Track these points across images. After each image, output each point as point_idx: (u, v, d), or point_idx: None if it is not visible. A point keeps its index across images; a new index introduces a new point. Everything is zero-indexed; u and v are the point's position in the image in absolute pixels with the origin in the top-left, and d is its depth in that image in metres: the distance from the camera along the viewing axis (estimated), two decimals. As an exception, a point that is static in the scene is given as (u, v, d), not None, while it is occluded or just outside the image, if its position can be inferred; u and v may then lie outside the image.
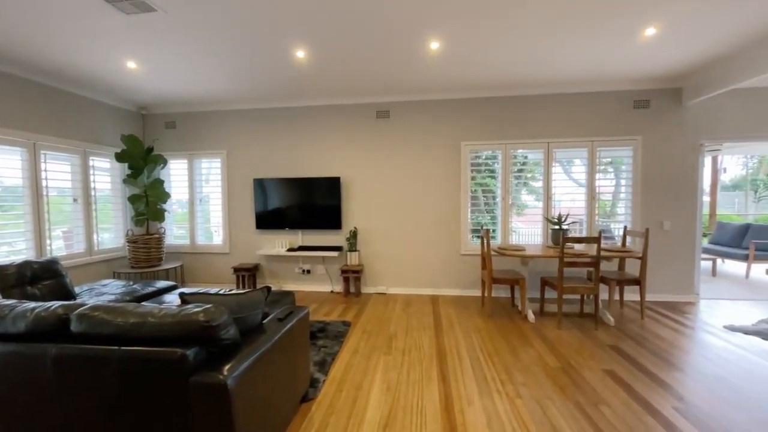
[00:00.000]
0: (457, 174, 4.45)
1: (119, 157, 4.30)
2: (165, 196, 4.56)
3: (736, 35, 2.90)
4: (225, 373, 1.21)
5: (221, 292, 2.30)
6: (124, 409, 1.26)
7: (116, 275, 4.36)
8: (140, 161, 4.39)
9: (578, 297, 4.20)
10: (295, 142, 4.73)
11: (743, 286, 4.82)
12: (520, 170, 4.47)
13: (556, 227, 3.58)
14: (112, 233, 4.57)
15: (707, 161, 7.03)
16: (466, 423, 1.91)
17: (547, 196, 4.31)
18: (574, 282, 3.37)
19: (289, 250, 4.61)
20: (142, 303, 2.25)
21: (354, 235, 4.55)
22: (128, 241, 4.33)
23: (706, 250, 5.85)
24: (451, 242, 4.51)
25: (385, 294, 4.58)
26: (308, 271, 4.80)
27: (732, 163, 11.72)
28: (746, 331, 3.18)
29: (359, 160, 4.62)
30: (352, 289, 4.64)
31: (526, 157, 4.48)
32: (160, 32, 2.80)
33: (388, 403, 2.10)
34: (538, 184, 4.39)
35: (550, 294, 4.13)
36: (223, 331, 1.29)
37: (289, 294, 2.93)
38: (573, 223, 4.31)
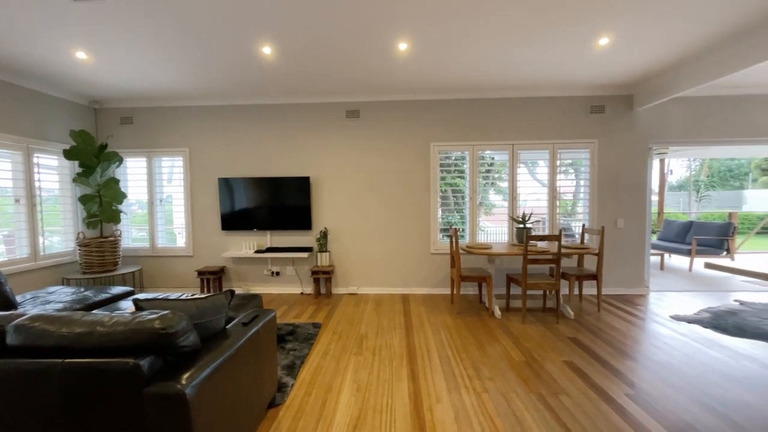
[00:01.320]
0: (427, 174, 4.52)
1: (68, 155, 3.99)
2: (121, 197, 4.29)
3: (680, 48, 3.14)
4: (183, 382, 1.16)
5: (183, 297, 2.19)
6: (71, 426, 1.18)
7: (65, 282, 4.05)
8: (92, 159, 4.10)
9: (541, 292, 4.39)
10: (263, 140, 4.61)
11: (687, 279, 5.24)
12: (488, 171, 4.60)
13: (521, 226, 3.72)
14: (61, 236, 4.24)
15: (656, 163, 7.57)
16: (435, 420, 1.94)
17: (512, 196, 4.47)
18: (537, 278, 3.52)
19: (257, 251, 4.49)
20: (93, 311, 2.11)
21: (324, 235, 4.50)
22: (79, 245, 4.03)
23: (654, 246, 6.31)
24: (421, 241, 4.57)
25: (356, 294, 4.57)
26: (277, 273, 4.70)
27: (678, 165, 12.72)
28: (689, 320, 3.46)
29: (329, 159, 4.58)
30: (323, 290, 4.59)
31: (493, 158, 4.62)
32: (111, 21, 2.63)
33: (358, 404, 2.10)
34: (505, 184, 4.55)
35: (516, 290, 4.29)
36: (182, 338, 1.23)
37: (257, 297, 2.85)
38: (536, 221, 4.51)
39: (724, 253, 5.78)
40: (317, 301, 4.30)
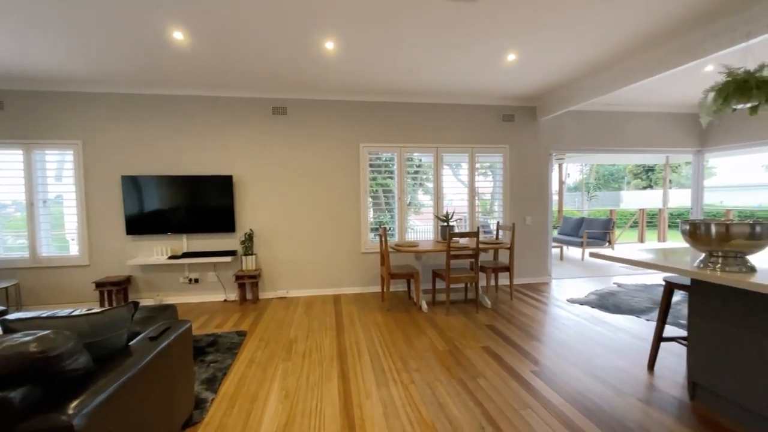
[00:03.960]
0: (357, 174, 4.56)
1: None
2: (-13, 197, 3.53)
3: (570, 69, 3.65)
4: (71, 411, 1.00)
5: (74, 313, 1.89)
6: None
7: None
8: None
9: (463, 285, 4.73)
10: (178, 135, 4.18)
11: (580, 267, 6.11)
12: (416, 172, 4.81)
13: (444, 224, 3.97)
14: None
15: (556, 168, 8.67)
16: (364, 416, 1.98)
17: (438, 196, 4.74)
18: (459, 272, 3.79)
19: (172, 257, 4.06)
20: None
21: (249, 237, 4.25)
22: (-76, 258, 3.22)
23: (555, 240, 7.23)
24: (352, 241, 4.59)
25: (285, 298, 4.42)
26: (196, 280, 4.31)
27: (573, 169, 14.77)
28: (581, 302, 4.05)
29: (254, 157, 4.34)
30: (249, 296, 4.35)
31: (420, 160, 4.85)
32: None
33: (286, 411, 2.04)
34: (432, 184, 4.80)
35: (441, 284, 4.56)
36: (69, 360, 1.07)
37: (170, 308, 2.58)
38: (458, 219, 4.84)
39: (607, 244, 6.87)
40: (243, 307, 4.05)
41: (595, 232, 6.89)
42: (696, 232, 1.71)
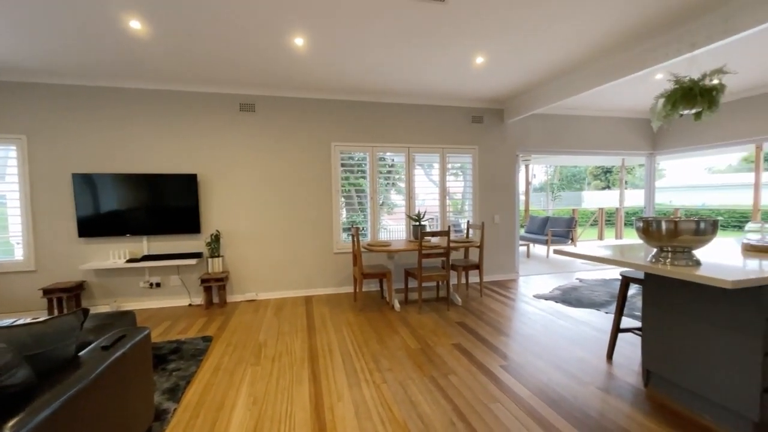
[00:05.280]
0: (329, 173, 4.50)
1: None
2: None
3: (533, 74, 3.80)
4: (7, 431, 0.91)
5: (15, 323, 1.73)
6: None
7: None
8: None
9: (435, 284, 4.80)
10: (138, 131, 3.94)
11: (545, 264, 6.37)
12: (389, 172, 4.82)
13: (416, 224, 4.00)
14: None
15: (523, 168, 9.01)
16: (336, 419, 1.95)
17: (409, 196, 4.78)
18: (431, 271, 3.83)
19: (131, 260, 3.83)
20: None
21: (216, 238, 4.09)
22: None
23: (522, 238, 7.50)
24: (324, 241, 4.53)
25: (255, 300, 4.28)
26: (158, 284, 4.09)
27: (539, 170, 15.39)
28: (546, 297, 4.22)
29: (220, 155, 4.18)
30: (216, 300, 4.18)
31: (393, 160, 4.86)
32: None
33: (254, 418, 1.97)
34: (404, 184, 4.83)
35: (413, 283, 4.60)
36: (4, 376, 0.97)
37: (127, 314, 2.42)
38: (430, 219, 4.91)
39: (570, 241, 7.21)
40: (209, 312, 3.88)
41: (559, 230, 7.22)
42: (648, 228, 1.82)
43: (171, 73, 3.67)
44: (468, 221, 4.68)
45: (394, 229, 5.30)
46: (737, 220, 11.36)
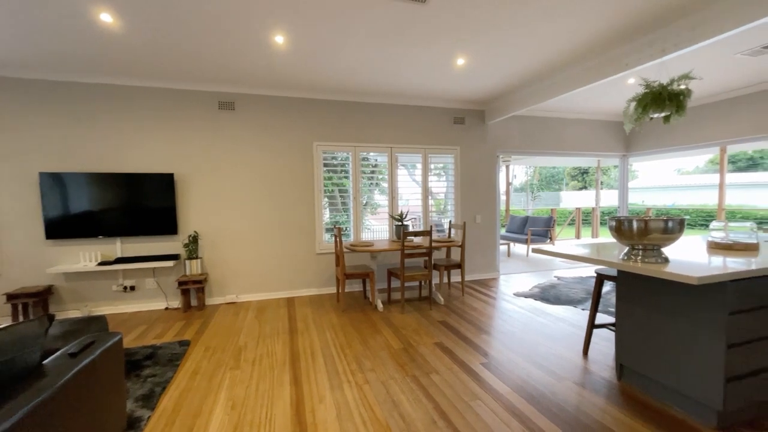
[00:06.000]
0: (311, 173, 4.45)
1: None
2: None
3: (513, 77, 3.87)
4: (-37, 446, 0.86)
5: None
6: None
7: None
8: None
9: (417, 283, 4.82)
10: (111, 129, 3.79)
11: (525, 262, 6.51)
12: (372, 172, 4.81)
13: (399, 224, 4.01)
14: None
15: (503, 169, 9.18)
16: (317, 421, 1.93)
17: (392, 196, 4.79)
18: (413, 271, 3.85)
19: (103, 263, 3.68)
20: None
21: (194, 240, 3.98)
22: None
23: (503, 237, 7.64)
24: (306, 242, 4.48)
25: (235, 303, 4.19)
26: (132, 288, 3.94)
27: (519, 171, 15.73)
28: (526, 295, 4.31)
29: (199, 154, 4.07)
30: (194, 302, 4.07)
31: (376, 160, 4.85)
32: None
33: (233, 423, 1.93)
34: (387, 184, 4.83)
35: (396, 283, 4.61)
36: (-41, 387, 0.91)
37: (99, 319, 2.32)
38: (413, 219, 4.93)
39: (548, 240, 7.40)
40: (187, 315, 3.78)
41: (538, 229, 7.39)
42: (620, 227, 1.88)
43: (145, 69, 3.54)
44: (450, 221, 4.72)
45: (378, 229, 5.31)
46: (704, 219, 11.95)
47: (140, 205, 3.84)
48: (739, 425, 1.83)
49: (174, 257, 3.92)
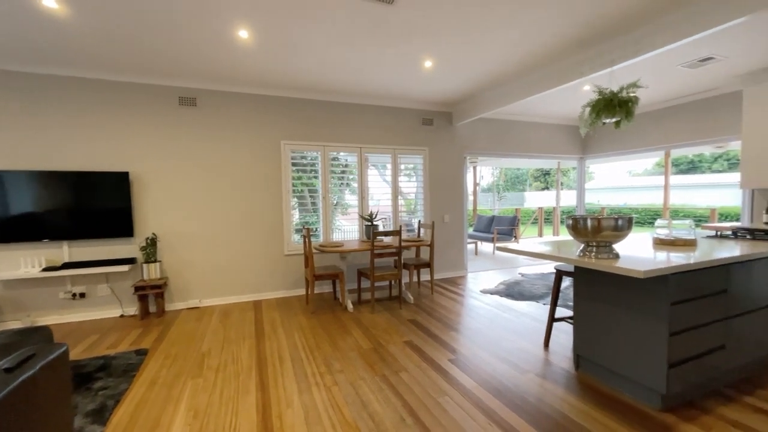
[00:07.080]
0: (279, 173, 4.35)
1: None
2: None
3: (479, 81, 3.99)
4: None
5: None
6: None
7: None
8: None
9: (387, 283, 4.85)
10: (56, 123, 3.50)
11: (491, 260, 6.73)
12: (343, 172, 4.77)
13: (368, 224, 4.01)
14: None
15: (471, 170, 9.44)
16: (284, 426, 1.89)
17: (362, 196, 4.78)
18: (383, 270, 3.87)
19: (48, 269, 3.39)
20: None
21: (152, 242, 3.77)
22: None
23: (470, 236, 7.86)
24: (274, 243, 4.37)
25: (198, 308, 4.01)
26: (82, 295, 3.67)
27: (486, 172, 16.23)
28: (492, 292, 4.45)
29: (157, 152, 3.86)
30: (153, 309, 3.85)
31: (347, 160, 4.82)
32: None
33: (195, 433, 1.84)
34: (357, 184, 4.81)
35: (366, 283, 4.60)
36: None
37: (41, 330, 2.14)
38: (383, 219, 4.95)
39: (513, 238, 7.69)
40: (145, 322, 3.57)
41: (504, 228, 7.67)
42: (576, 226, 1.99)
43: (96, 59, 3.31)
44: (420, 221, 4.79)
45: (348, 230, 5.27)
46: (651, 218, 12.92)
47: (91, 206, 3.58)
48: (681, 406, 2.00)
49: (130, 261, 3.69)
